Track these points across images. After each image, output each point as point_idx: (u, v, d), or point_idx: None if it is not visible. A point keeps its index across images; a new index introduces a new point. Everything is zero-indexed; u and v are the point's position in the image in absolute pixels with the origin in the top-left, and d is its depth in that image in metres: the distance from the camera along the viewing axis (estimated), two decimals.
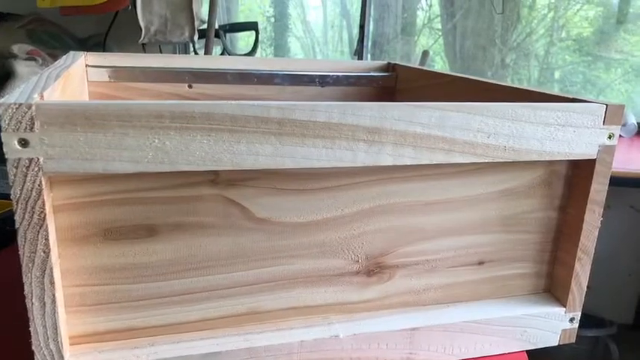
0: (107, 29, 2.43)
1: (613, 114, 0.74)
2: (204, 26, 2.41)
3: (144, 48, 2.47)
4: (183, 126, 0.58)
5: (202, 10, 2.44)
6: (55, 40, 2.45)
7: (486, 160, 0.71)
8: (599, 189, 0.76)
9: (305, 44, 3.32)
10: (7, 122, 0.53)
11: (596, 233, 0.79)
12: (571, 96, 0.78)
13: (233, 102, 0.59)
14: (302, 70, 1.26)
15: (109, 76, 1.12)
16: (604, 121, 0.74)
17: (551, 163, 0.78)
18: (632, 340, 2.83)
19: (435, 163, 0.69)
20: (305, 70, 1.26)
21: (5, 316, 0.85)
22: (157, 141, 0.58)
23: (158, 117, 0.57)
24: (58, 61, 0.95)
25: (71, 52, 1.11)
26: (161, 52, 2.58)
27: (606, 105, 0.73)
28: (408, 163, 0.68)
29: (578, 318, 0.83)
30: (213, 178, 0.65)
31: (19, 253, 0.58)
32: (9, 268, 0.98)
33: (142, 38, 2.29)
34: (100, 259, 0.64)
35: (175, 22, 2.31)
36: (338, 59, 3.15)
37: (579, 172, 0.78)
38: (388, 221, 0.74)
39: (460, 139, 0.68)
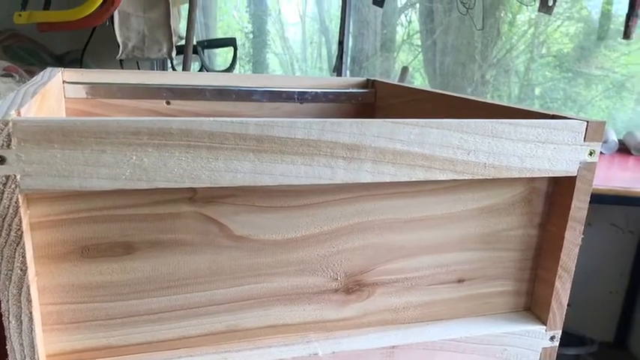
0: (84, 45, 2.42)
1: (594, 131, 0.74)
2: (182, 42, 2.41)
3: (121, 64, 2.46)
4: (161, 143, 0.58)
5: (180, 27, 2.44)
6: (32, 56, 2.44)
7: (466, 177, 0.71)
8: (579, 206, 0.76)
9: (284, 60, 3.31)
10: None
11: (577, 251, 0.79)
12: (551, 112, 0.78)
13: (211, 118, 0.59)
14: (281, 87, 1.26)
15: (86, 93, 1.11)
16: (585, 138, 0.74)
17: (531, 180, 0.78)
18: (613, 358, 2.84)
19: (414, 180, 0.69)
20: (284, 87, 1.26)
21: None
22: (134, 158, 0.58)
23: (135, 134, 0.57)
24: (35, 78, 0.94)
25: (48, 69, 1.10)
26: (139, 68, 2.57)
27: (587, 122, 0.73)
28: (388, 180, 0.67)
29: (559, 336, 0.83)
30: (192, 195, 0.64)
31: None
32: None
33: (119, 54, 2.28)
34: (78, 276, 0.64)
35: (153, 38, 2.31)
36: (317, 76, 3.16)
37: (560, 189, 0.78)
38: (367, 239, 0.74)
39: (440, 155, 0.68)
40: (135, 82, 1.17)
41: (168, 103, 1.17)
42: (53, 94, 0.93)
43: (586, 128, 0.74)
